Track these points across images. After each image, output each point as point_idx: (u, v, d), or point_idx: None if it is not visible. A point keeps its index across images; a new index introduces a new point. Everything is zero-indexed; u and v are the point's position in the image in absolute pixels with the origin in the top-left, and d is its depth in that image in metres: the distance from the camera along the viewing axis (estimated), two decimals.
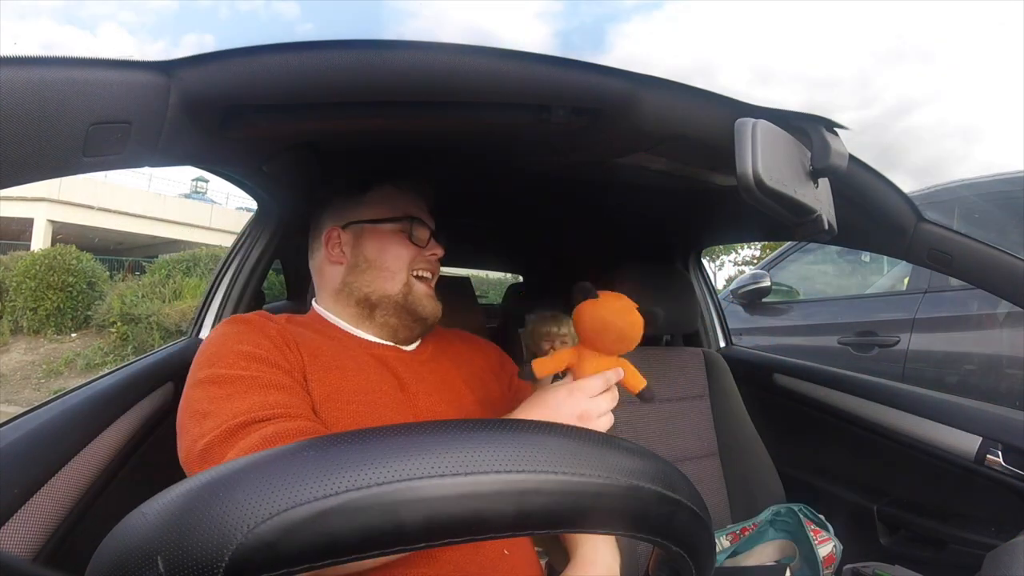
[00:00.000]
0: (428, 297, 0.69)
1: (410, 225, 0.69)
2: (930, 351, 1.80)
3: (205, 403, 0.50)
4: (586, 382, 0.54)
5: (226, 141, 0.56)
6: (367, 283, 0.67)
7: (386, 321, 0.68)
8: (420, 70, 0.46)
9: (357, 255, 0.68)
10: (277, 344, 0.57)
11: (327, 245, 0.69)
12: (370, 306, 0.67)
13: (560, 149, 0.72)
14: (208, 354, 0.55)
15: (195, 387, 0.52)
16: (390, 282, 0.67)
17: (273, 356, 0.55)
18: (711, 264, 11.22)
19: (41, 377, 6.47)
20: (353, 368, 0.61)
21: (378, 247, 0.68)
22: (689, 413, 1.13)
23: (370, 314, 0.67)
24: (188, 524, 0.19)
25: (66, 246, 7.25)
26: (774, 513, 1.00)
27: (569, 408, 0.52)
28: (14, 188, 0.35)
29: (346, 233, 0.69)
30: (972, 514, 0.93)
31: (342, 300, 0.68)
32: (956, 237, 0.79)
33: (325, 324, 0.68)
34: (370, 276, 0.67)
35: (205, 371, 0.53)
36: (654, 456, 0.27)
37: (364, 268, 0.67)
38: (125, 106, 0.39)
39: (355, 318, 0.68)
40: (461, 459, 0.21)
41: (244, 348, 0.55)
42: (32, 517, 0.53)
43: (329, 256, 0.69)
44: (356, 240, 0.68)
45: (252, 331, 0.57)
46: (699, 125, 0.55)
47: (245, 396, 0.50)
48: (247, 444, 0.46)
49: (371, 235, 0.68)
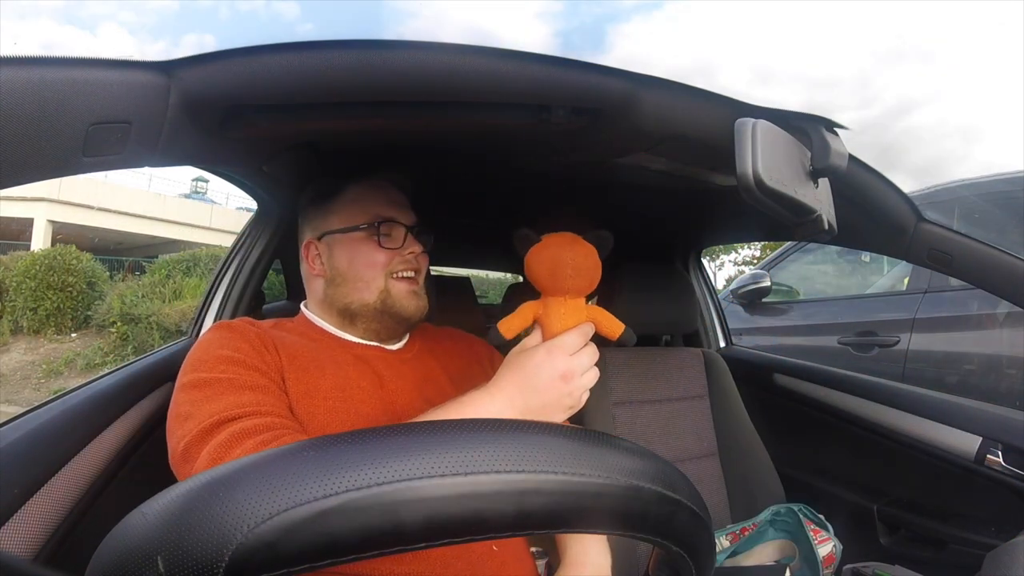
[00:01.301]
0: (410, 295, 0.68)
1: (377, 228, 0.67)
2: (930, 351, 1.80)
3: (187, 406, 0.53)
4: (563, 339, 0.51)
5: (226, 141, 0.56)
6: (344, 295, 0.68)
7: (368, 327, 0.69)
8: (420, 70, 0.46)
9: (332, 268, 0.68)
10: (256, 347, 0.59)
11: (307, 258, 0.71)
12: (351, 315, 0.68)
13: (560, 149, 0.72)
14: (192, 360, 0.57)
15: (179, 391, 0.55)
16: (366, 291, 0.67)
17: (251, 359, 0.57)
18: (711, 264, 11.21)
19: (41, 377, 6.47)
20: (331, 367, 0.63)
21: (349, 257, 0.67)
22: (689, 413, 1.13)
23: (352, 321, 0.69)
24: (188, 524, 0.19)
25: (66, 246, 7.25)
26: (774, 513, 0.99)
27: (550, 369, 0.49)
28: (14, 188, 0.35)
29: (321, 244, 0.69)
30: (972, 514, 0.93)
31: (326, 309, 0.70)
32: (956, 237, 0.79)
33: (311, 327, 0.70)
34: (346, 288, 0.67)
35: (189, 376, 0.55)
36: (654, 456, 0.27)
37: (339, 282, 0.68)
38: (125, 106, 0.39)
39: (339, 324, 0.70)
40: (461, 459, 0.21)
41: (224, 352, 0.57)
42: (32, 517, 0.53)
43: (311, 269, 0.70)
44: (330, 251, 0.69)
45: (233, 336, 0.60)
46: (699, 125, 0.55)
47: (221, 397, 0.52)
48: (218, 441, 0.48)
49: (341, 245, 0.68)
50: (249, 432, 0.49)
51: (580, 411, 1.09)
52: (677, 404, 1.13)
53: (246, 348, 0.58)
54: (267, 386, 0.56)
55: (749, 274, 2.61)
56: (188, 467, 0.49)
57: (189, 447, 0.49)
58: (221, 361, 0.56)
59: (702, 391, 1.17)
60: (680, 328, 1.20)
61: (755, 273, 2.54)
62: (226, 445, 0.48)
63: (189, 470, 0.49)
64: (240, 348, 0.58)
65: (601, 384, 1.06)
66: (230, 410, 0.51)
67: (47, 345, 6.94)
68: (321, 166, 0.77)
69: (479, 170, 0.95)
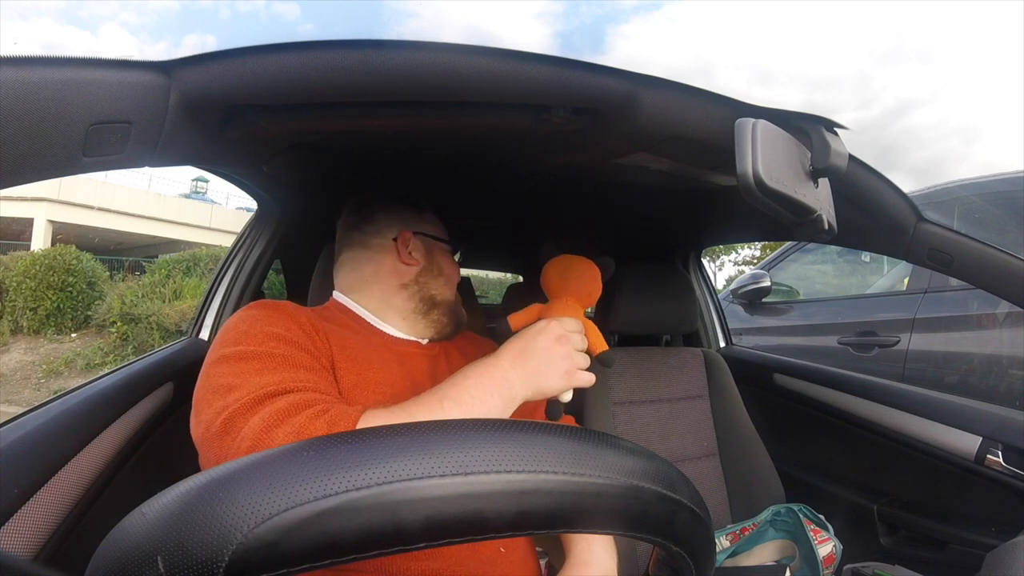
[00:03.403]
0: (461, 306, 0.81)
1: (452, 248, 0.82)
2: (930, 351, 1.80)
3: (231, 377, 0.49)
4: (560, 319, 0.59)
5: (226, 141, 0.56)
6: (437, 287, 0.76)
7: (438, 319, 0.75)
8: (420, 70, 0.46)
9: (431, 261, 0.76)
10: (306, 330, 0.58)
11: (401, 245, 0.74)
12: (432, 305, 0.75)
13: (560, 149, 0.73)
14: (237, 332, 0.54)
15: (219, 363, 0.51)
16: (449, 289, 0.78)
17: (302, 340, 0.56)
18: (711, 264, 11.21)
19: (41, 377, 6.46)
20: (377, 362, 0.64)
21: (444, 260, 0.79)
22: (689, 413, 1.13)
23: (427, 311, 0.74)
24: (188, 524, 0.19)
25: (66, 246, 7.25)
26: (774, 513, 0.99)
27: (547, 335, 0.56)
28: (14, 188, 0.35)
29: (416, 240, 0.76)
30: (972, 514, 0.93)
31: (402, 295, 0.73)
32: (956, 237, 0.79)
33: (350, 315, 0.71)
34: (441, 281, 0.77)
35: (231, 348, 0.52)
36: (654, 456, 0.27)
37: (436, 274, 0.76)
38: (125, 106, 0.39)
39: (399, 312, 0.73)
40: (461, 459, 0.22)
41: (274, 330, 0.55)
42: (32, 517, 0.53)
43: (402, 257, 0.74)
44: (428, 249, 0.77)
45: (281, 316, 0.58)
46: (699, 125, 0.55)
47: (275, 371, 0.50)
48: (272, 409, 0.46)
49: (437, 248, 0.79)
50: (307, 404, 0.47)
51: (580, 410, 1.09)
52: (677, 404, 1.13)
53: (296, 329, 0.57)
54: (320, 370, 0.55)
55: (749, 274, 2.61)
56: (229, 440, 0.45)
57: (234, 416, 0.46)
58: (271, 337, 0.54)
59: (702, 391, 1.17)
60: (680, 328, 1.20)
61: (755, 273, 2.54)
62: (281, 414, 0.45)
63: (230, 443, 0.45)
64: (290, 328, 0.56)
65: (601, 384, 1.06)
66: (287, 383, 0.49)
67: (47, 345, 6.94)
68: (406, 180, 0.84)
69: (480, 170, 0.95)
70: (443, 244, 0.81)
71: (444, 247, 0.81)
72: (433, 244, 0.79)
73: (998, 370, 1.63)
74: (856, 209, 0.74)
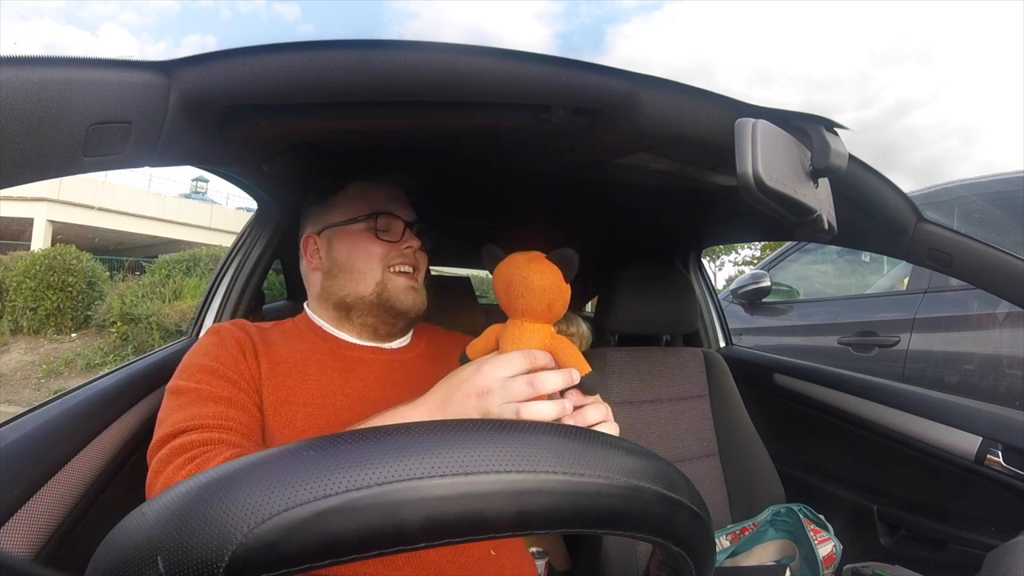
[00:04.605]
0: (408, 290, 0.68)
1: (375, 221, 0.68)
2: (930, 351, 1.80)
3: (162, 412, 0.55)
4: (501, 357, 0.45)
5: (226, 141, 0.56)
6: (340, 287, 0.68)
7: (364, 321, 0.69)
8: (420, 70, 0.46)
9: (330, 260, 0.69)
10: (234, 355, 0.60)
11: (306, 252, 0.72)
12: (346, 308, 0.69)
13: (560, 149, 0.72)
14: (182, 363, 0.60)
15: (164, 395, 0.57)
16: (362, 283, 0.67)
17: (226, 368, 0.58)
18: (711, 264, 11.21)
19: (41, 377, 6.46)
20: (316, 372, 0.63)
21: (347, 249, 0.68)
22: (689, 413, 1.13)
23: (347, 316, 0.69)
24: (188, 524, 0.19)
25: (66, 246, 7.24)
26: (774, 513, 0.99)
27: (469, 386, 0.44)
28: (14, 188, 0.35)
29: (321, 239, 0.71)
30: (972, 514, 0.93)
31: (323, 304, 0.71)
32: (956, 237, 0.79)
33: (310, 326, 0.70)
34: (343, 280, 0.68)
35: (172, 381, 0.58)
36: (654, 456, 0.27)
37: (336, 273, 0.69)
38: (125, 106, 0.39)
39: (335, 320, 0.70)
40: (461, 459, 0.22)
41: (202, 361, 0.59)
42: (32, 517, 0.53)
43: (310, 263, 0.72)
44: (329, 244, 0.70)
45: (216, 343, 0.61)
46: (699, 125, 0.55)
47: (187, 408, 0.54)
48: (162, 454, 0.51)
49: (341, 237, 0.69)
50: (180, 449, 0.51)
51: None
52: (677, 404, 1.13)
53: (224, 356, 0.59)
54: (234, 397, 0.57)
55: (749, 274, 2.61)
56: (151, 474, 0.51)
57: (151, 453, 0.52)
58: (198, 370, 0.58)
59: (702, 391, 1.17)
60: (680, 328, 1.20)
61: (755, 273, 2.54)
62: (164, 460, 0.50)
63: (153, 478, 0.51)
64: (219, 357, 0.59)
65: (601, 384, 1.06)
66: (188, 421, 0.52)
67: (47, 345, 6.94)
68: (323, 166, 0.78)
69: (480, 170, 0.95)
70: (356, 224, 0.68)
71: (358, 226, 0.68)
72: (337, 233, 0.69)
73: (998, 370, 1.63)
74: (856, 209, 0.74)
